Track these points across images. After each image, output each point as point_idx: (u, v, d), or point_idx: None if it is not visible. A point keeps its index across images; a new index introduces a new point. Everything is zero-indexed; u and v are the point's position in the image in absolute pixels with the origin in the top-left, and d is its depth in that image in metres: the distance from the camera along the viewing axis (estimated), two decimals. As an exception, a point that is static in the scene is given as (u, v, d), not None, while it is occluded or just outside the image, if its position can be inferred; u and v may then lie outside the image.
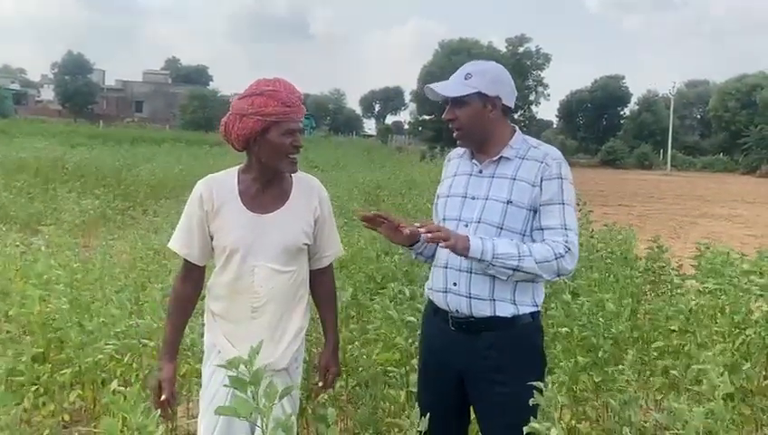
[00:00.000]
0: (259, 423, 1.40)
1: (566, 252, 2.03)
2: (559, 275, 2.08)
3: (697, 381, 3.07)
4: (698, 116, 64.86)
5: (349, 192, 11.23)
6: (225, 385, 2.03)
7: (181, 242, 2.28)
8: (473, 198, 2.16)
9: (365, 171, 17.31)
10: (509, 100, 2.18)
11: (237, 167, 2.30)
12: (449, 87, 2.14)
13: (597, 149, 55.88)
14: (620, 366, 2.64)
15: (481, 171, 2.18)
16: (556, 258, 2.01)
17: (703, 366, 2.52)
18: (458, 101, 2.13)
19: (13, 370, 2.81)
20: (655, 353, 3.32)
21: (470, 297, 2.10)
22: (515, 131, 2.21)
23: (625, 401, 2.18)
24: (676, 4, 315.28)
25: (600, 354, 2.81)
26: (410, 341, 2.99)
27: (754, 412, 2.98)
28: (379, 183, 14.41)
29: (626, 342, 3.24)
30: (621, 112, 60.67)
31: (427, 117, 52.86)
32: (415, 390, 2.75)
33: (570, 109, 61.55)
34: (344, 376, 3.22)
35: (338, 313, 2.50)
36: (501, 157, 2.15)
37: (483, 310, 2.09)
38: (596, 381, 2.76)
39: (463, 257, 2.04)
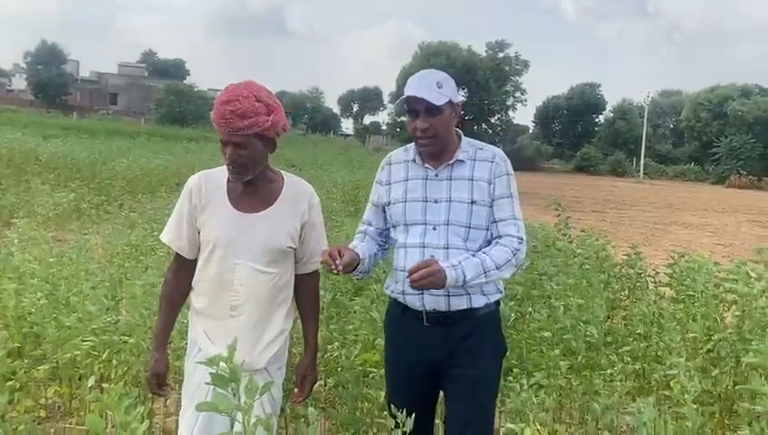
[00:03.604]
0: (239, 420, 1.41)
1: (519, 243, 2.21)
2: (517, 267, 2.26)
3: (666, 385, 3.16)
4: (671, 125, 66.02)
5: (327, 192, 11.22)
6: (206, 382, 2.05)
7: (172, 235, 2.30)
8: (435, 202, 2.24)
9: (343, 171, 17.28)
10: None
11: None
12: (430, 95, 2.18)
13: (572, 155, 56.60)
14: (609, 371, 2.71)
15: (437, 175, 2.27)
16: (514, 255, 2.19)
17: (672, 371, 2.60)
18: (435, 110, 2.19)
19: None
20: (627, 358, 3.40)
21: (448, 295, 2.20)
22: (461, 136, 2.33)
23: (606, 406, 2.24)
24: (650, 14, 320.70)
25: (579, 359, 2.87)
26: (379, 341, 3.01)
27: (722, 415, 3.08)
28: (357, 184, 14.42)
29: (600, 346, 3.31)
30: (596, 120, 61.49)
31: (405, 118, 52.96)
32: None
33: (546, 115, 62.18)
34: (324, 377, 3.24)
35: (319, 320, 2.50)
36: (456, 160, 2.26)
37: (459, 304, 2.20)
38: (574, 384, 2.82)
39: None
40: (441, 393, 2.37)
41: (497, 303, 2.33)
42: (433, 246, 2.21)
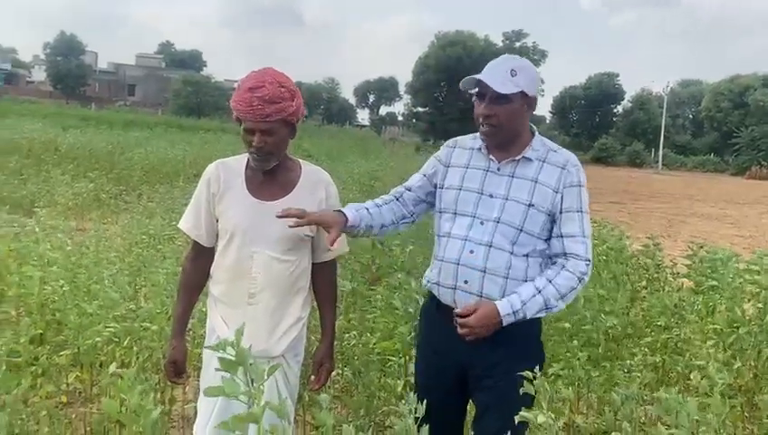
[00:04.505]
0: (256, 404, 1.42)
1: (587, 266, 2.06)
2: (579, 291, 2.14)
3: (687, 376, 3.13)
4: (690, 116, 65.28)
5: (343, 183, 11.23)
6: (216, 369, 2.07)
7: (190, 223, 2.31)
8: (490, 196, 2.11)
9: (359, 162, 17.28)
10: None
11: None
12: (497, 81, 2.03)
13: (589, 145, 56.10)
14: (629, 362, 2.69)
15: (499, 169, 2.13)
16: (580, 281, 2.06)
17: (695, 363, 2.58)
18: (502, 98, 2.04)
19: (11, 351, 2.82)
20: (645, 349, 3.38)
21: (481, 296, 2.07)
22: (534, 133, 2.17)
23: (626, 396, 2.21)
24: (669, 2, 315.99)
25: (600, 350, 2.85)
26: (408, 330, 3.02)
27: (743, 408, 3.04)
28: (373, 174, 14.41)
29: (620, 337, 3.29)
30: (614, 110, 60.92)
31: (421, 109, 52.82)
32: (413, 380, 2.78)
33: (563, 105, 61.69)
34: (341, 365, 3.25)
35: (336, 308, 2.50)
36: (522, 157, 2.11)
37: None
38: (594, 375, 2.81)
39: (478, 261, 2.05)
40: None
41: None
42: (475, 241, 2.08)
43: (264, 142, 2.13)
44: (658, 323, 3.27)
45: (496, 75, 2.04)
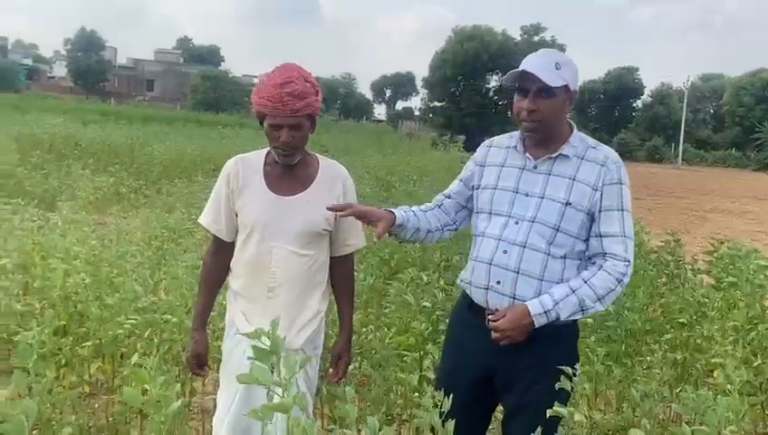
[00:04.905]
0: (279, 394, 1.43)
1: (626, 267, 1.99)
2: (618, 295, 2.09)
3: (708, 373, 3.11)
4: (711, 110, 64.30)
5: (360, 177, 11.26)
6: (249, 357, 2.09)
7: (210, 218, 2.34)
8: (526, 195, 2.06)
9: (375, 157, 17.29)
10: None
11: (268, 148, 2.33)
12: (544, 74, 1.97)
13: (608, 140, 55.36)
14: (648, 358, 2.67)
15: (536, 167, 2.08)
16: (619, 282, 1.99)
17: (716, 360, 2.56)
18: (547, 92, 1.98)
19: (39, 341, 2.87)
20: (666, 346, 3.35)
21: (514, 298, 2.02)
22: (573, 128, 2.11)
23: (645, 393, 2.20)
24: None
25: (623, 347, 2.83)
26: (425, 326, 3.03)
27: (764, 406, 3.02)
28: (390, 169, 14.41)
29: (640, 334, 3.27)
30: (634, 105, 60.25)
31: (438, 104, 52.62)
32: (428, 374, 2.78)
33: (582, 99, 60.92)
34: (358, 358, 3.27)
35: (354, 302, 2.52)
36: (559, 154, 2.06)
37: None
38: (614, 371, 2.80)
39: (511, 261, 2.02)
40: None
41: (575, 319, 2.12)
42: (509, 241, 2.04)
43: (292, 137, 2.16)
44: (679, 320, 3.24)
45: (542, 67, 1.98)
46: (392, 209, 2.19)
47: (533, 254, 2.01)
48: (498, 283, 2.04)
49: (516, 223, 2.05)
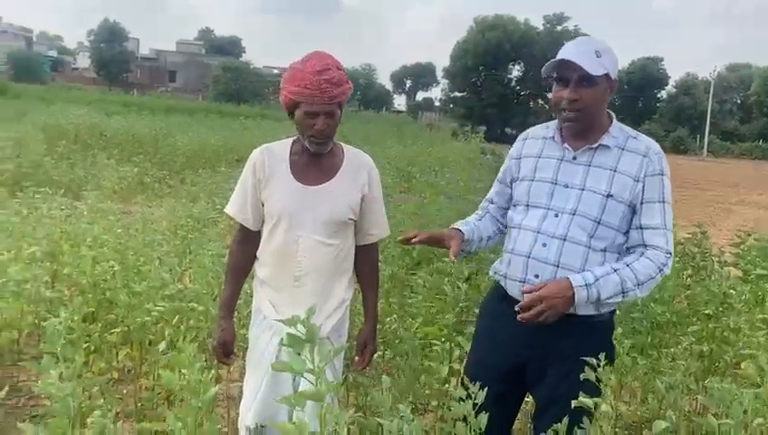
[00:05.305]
0: (311, 381, 1.45)
1: (667, 258, 1.96)
2: (656, 286, 2.05)
3: (734, 366, 3.08)
4: (738, 101, 63.13)
5: (381, 168, 11.22)
6: (281, 344, 2.12)
7: (237, 207, 2.35)
8: (565, 186, 2.02)
9: (396, 147, 17.26)
10: None
11: (293, 137, 2.34)
12: (585, 62, 1.92)
13: (631, 131, 54.76)
14: (672, 350, 2.65)
15: (575, 158, 2.03)
16: (660, 271, 1.96)
17: (746, 352, 2.53)
18: (588, 81, 1.94)
19: (68, 328, 2.92)
20: (692, 338, 3.32)
21: None
22: (612, 118, 2.07)
23: (671, 385, 2.18)
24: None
25: (648, 339, 2.81)
26: (452, 316, 3.03)
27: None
28: (410, 160, 14.39)
29: (666, 326, 3.24)
30: (658, 95, 59.41)
31: (459, 94, 52.36)
32: (457, 366, 2.78)
33: (605, 90, 60.31)
34: (382, 348, 3.29)
35: (378, 291, 2.53)
36: (600, 144, 2.01)
37: None
38: (639, 363, 2.78)
39: (551, 255, 1.98)
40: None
41: (612, 314, 2.09)
42: (548, 234, 1.99)
43: (327, 125, 2.17)
44: (706, 312, 3.21)
45: (583, 56, 1.93)
46: (458, 227, 2.18)
47: (574, 247, 1.97)
48: (536, 276, 2.00)
49: (556, 215, 2.01)
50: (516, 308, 1.98)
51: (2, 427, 2.96)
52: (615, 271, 1.93)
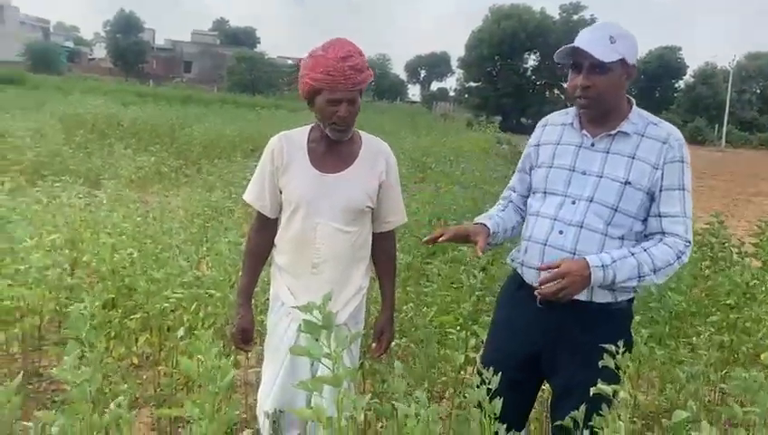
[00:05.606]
0: (329, 367, 1.45)
1: (686, 247, 1.94)
2: (673, 274, 2.02)
3: (755, 356, 3.05)
4: (758, 90, 62.15)
5: (396, 159, 11.20)
6: (299, 330, 2.12)
7: (254, 195, 2.36)
8: (583, 173, 2.00)
9: (410, 138, 17.22)
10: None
11: (311, 125, 2.34)
12: (596, 49, 1.89)
13: (648, 122, 54.18)
14: (695, 339, 2.63)
15: (593, 144, 2.02)
16: (678, 258, 1.94)
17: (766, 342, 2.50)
18: (601, 67, 1.91)
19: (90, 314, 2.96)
20: (711, 328, 3.30)
21: None
22: (632, 104, 2.04)
23: (691, 374, 2.16)
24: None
25: (666, 329, 2.79)
26: (468, 305, 3.02)
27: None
28: (425, 150, 14.36)
29: (684, 316, 3.22)
30: (676, 85, 58.70)
31: (474, 84, 52.07)
32: (473, 354, 2.78)
33: (621, 80, 59.68)
34: (398, 336, 3.30)
35: (395, 278, 2.52)
36: (619, 131, 1.99)
37: (579, 295, 1.93)
38: (657, 353, 2.76)
39: (567, 242, 1.97)
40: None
41: (629, 302, 2.07)
42: (565, 222, 1.99)
43: (349, 112, 2.17)
44: (727, 302, 3.18)
45: (595, 42, 1.91)
46: (482, 221, 2.17)
47: (590, 234, 1.96)
48: None
49: (573, 202, 2.00)
50: (535, 284, 1.97)
51: (23, 412, 3.01)
52: (632, 255, 1.92)
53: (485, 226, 2.14)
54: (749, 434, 1.59)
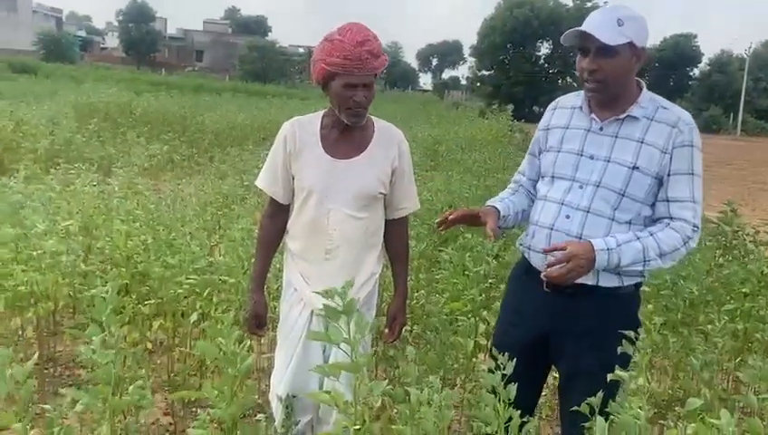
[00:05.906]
0: (346, 352, 1.46)
1: (693, 232, 1.93)
2: (680, 259, 2.01)
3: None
4: (774, 79, 61.28)
5: (408, 147, 11.16)
6: (318, 314, 2.13)
7: (267, 181, 2.36)
8: (591, 158, 1.99)
9: (422, 126, 17.16)
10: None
11: (324, 111, 2.33)
12: (602, 32, 1.87)
13: (662, 110, 53.61)
14: (710, 327, 2.62)
15: (602, 128, 2.00)
16: (684, 243, 1.93)
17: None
18: (608, 51, 1.88)
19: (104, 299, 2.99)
20: (726, 317, 3.27)
21: None
22: (642, 88, 2.02)
23: (705, 362, 2.15)
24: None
25: (679, 317, 2.78)
26: (477, 292, 3.02)
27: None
28: (437, 138, 14.31)
29: (698, 304, 3.20)
30: (691, 73, 58.01)
31: (486, 72, 51.75)
32: (483, 341, 2.78)
33: (635, 67, 59.04)
34: (410, 323, 3.31)
35: (408, 264, 2.53)
36: (627, 115, 1.97)
37: (585, 279, 1.94)
38: (671, 341, 2.75)
39: (573, 227, 1.97)
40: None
41: (637, 286, 2.05)
42: (573, 206, 1.98)
43: (365, 97, 2.16)
44: (742, 290, 3.15)
45: (601, 25, 1.89)
46: (493, 204, 2.17)
47: (597, 219, 1.95)
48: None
49: (581, 187, 1.99)
50: (542, 268, 1.98)
51: (40, 396, 3.04)
52: (638, 239, 1.91)
53: (496, 208, 2.14)
54: (764, 423, 1.57)
